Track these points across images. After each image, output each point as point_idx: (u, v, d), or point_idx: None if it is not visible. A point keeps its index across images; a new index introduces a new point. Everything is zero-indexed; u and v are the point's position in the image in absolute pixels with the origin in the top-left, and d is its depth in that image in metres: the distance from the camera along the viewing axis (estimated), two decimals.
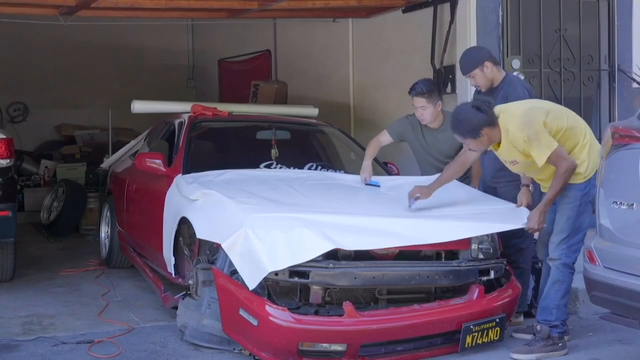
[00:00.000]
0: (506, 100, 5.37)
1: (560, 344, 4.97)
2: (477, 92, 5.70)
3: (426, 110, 6.00)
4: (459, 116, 4.94)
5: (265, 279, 4.53)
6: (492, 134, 4.88)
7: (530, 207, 5.21)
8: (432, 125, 6.10)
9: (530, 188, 5.31)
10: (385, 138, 6.31)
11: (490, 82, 5.53)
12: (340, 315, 4.57)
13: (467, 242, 5.02)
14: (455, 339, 4.81)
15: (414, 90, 6.04)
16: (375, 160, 6.79)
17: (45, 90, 12.16)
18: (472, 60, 5.56)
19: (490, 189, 5.69)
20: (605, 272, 4.35)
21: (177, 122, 6.86)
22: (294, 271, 4.54)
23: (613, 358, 4.99)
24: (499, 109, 4.97)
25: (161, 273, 6.09)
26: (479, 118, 4.83)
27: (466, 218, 5.09)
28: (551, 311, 4.97)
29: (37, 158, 11.37)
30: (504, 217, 5.17)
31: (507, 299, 5.09)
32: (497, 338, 4.91)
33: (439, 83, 7.09)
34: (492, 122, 4.86)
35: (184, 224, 5.45)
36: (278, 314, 4.49)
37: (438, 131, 6.09)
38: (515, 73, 6.57)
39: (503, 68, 6.98)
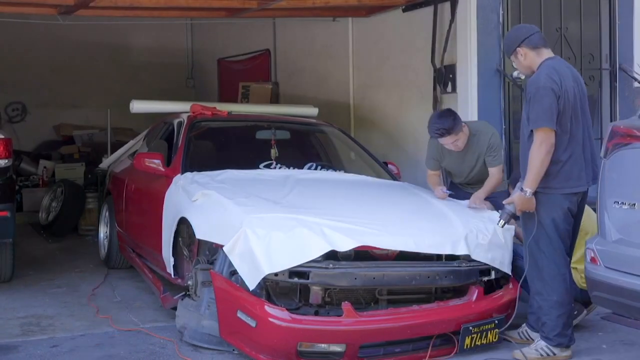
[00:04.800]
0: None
1: None
2: (516, 78, 5.46)
3: (459, 141, 5.79)
4: None
5: (265, 279, 4.51)
6: None
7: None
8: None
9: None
10: (433, 173, 6.11)
11: (530, 69, 4.84)
12: (339, 316, 4.54)
13: None
14: (455, 340, 4.77)
15: (437, 134, 5.73)
16: (375, 160, 6.78)
17: (43, 90, 12.14)
18: (505, 46, 5.04)
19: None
20: (607, 273, 4.33)
21: (176, 121, 6.84)
22: (293, 272, 4.51)
23: (615, 359, 4.96)
24: None
25: (160, 274, 6.06)
26: None
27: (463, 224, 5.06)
28: None
29: (36, 158, 11.36)
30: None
31: (507, 301, 5.06)
32: (496, 339, 4.89)
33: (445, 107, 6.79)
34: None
35: (183, 224, 5.42)
36: (276, 314, 4.46)
37: (464, 152, 5.91)
38: (515, 73, 6.37)
39: (504, 68, 6.97)
